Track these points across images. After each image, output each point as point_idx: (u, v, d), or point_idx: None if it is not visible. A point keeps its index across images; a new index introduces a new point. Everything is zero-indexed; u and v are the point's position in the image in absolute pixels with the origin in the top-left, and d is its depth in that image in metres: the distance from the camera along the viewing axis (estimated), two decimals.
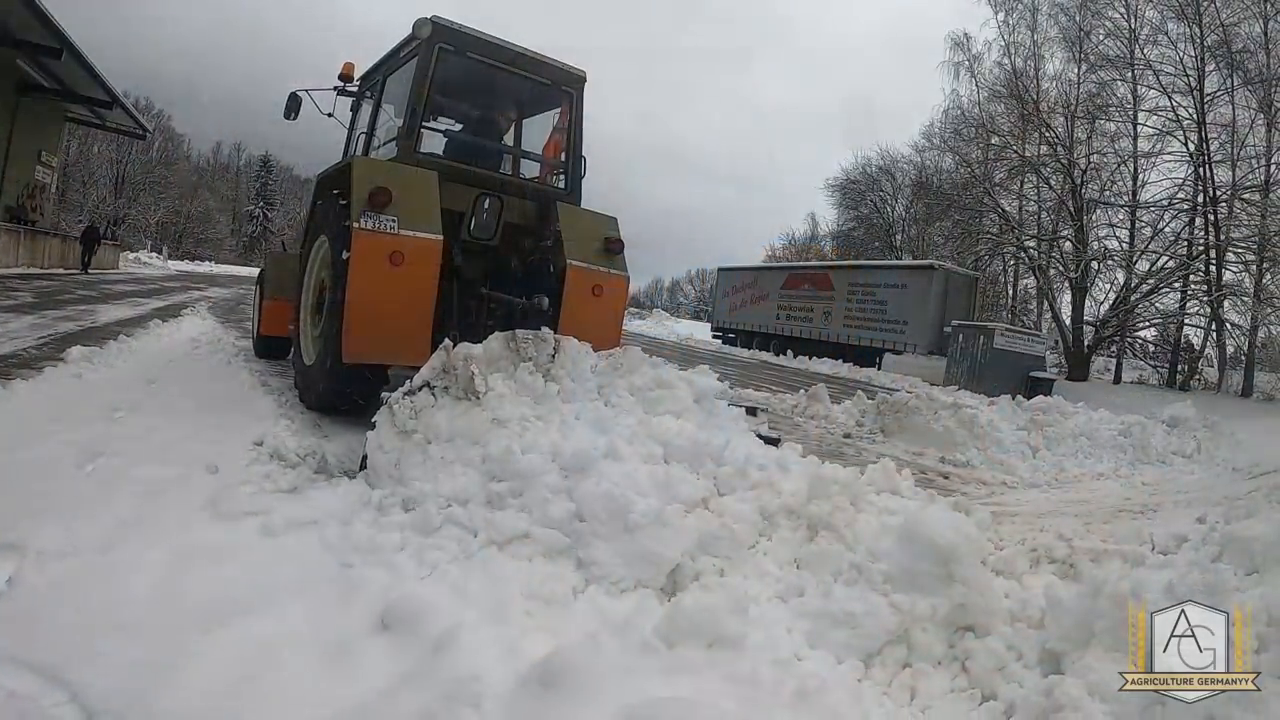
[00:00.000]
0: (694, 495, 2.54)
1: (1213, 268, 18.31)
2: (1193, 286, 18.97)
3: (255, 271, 8.85)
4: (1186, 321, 19.20)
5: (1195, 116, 18.51)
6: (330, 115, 5.88)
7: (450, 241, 4.46)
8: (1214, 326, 18.48)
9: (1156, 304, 19.76)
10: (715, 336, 29.20)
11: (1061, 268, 20.88)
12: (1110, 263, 20.29)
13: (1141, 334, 20.62)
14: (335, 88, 5.89)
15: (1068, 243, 20.65)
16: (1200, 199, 18.49)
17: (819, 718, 1.54)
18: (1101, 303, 20.77)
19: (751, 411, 4.46)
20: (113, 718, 1.30)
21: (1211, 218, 18.32)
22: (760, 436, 3.64)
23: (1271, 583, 1.83)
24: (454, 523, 2.36)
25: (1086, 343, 20.31)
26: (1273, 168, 17.95)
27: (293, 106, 5.80)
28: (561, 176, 5.35)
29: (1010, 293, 24.99)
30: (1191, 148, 18.75)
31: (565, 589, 2.06)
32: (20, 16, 12.85)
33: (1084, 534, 2.92)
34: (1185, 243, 19.01)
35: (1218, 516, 2.99)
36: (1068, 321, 20.70)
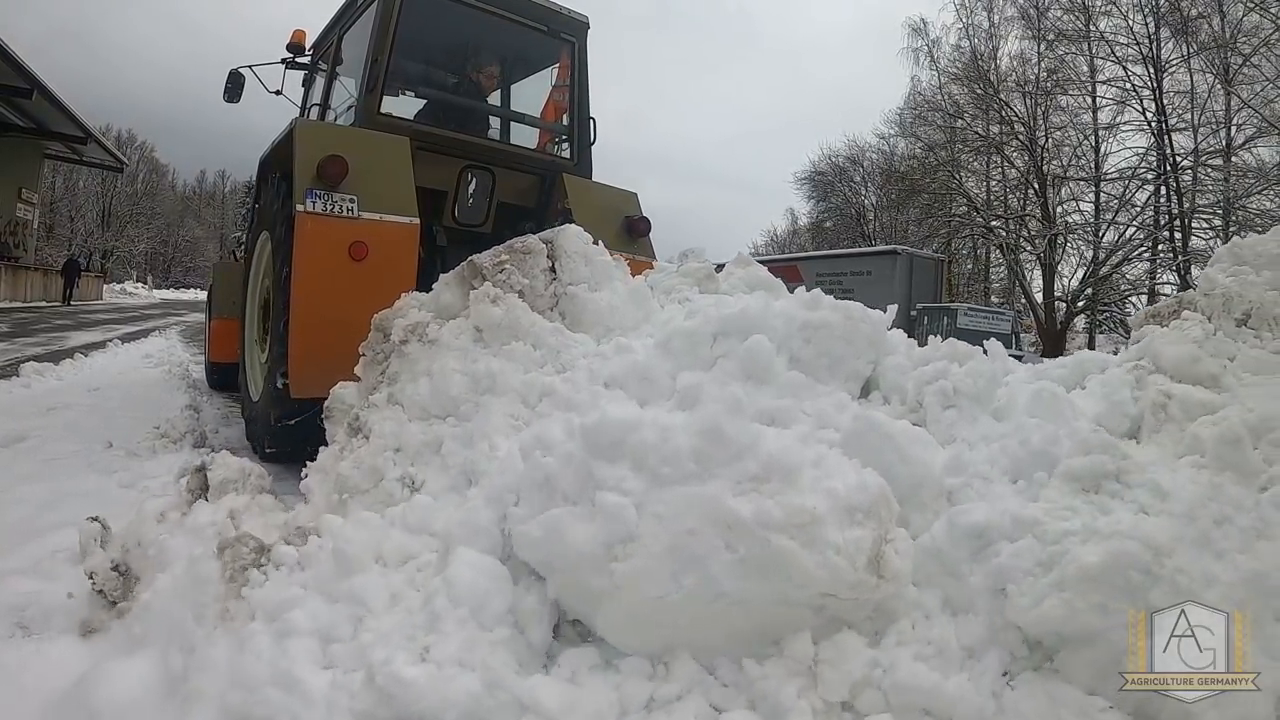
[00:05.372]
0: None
1: (1179, 235, 18.61)
2: (1161, 255, 19.27)
3: None
4: (1157, 290, 19.42)
5: (1151, 84, 18.83)
6: (279, 93, 5.10)
7: (429, 227, 3.62)
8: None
9: (1127, 274, 20.06)
10: None
11: (1030, 246, 21.19)
12: (1075, 236, 20.61)
13: (1116, 306, 20.81)
14: (284, 60, 5.02)
15: (1034, 220, 20.98)
16: (1164, 167, 18.78)
17: None
18: (1070, 278, 21.10)
19: None
20: None
21: (1175, 185, 18.64)
22: None
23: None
24: None
25: (1059, 319, 20.60)
26: (1233, 130, 18.30)
27: (234, 86, 4.91)
28: (566, 144, 4.41)
29: (985, 274, 25.31)
30: (1150, 115, 19.06)
31: None
32: None
33: None
34: (1151, 212, 19.30)
35: None
36: (1039, 299, 21.00)
